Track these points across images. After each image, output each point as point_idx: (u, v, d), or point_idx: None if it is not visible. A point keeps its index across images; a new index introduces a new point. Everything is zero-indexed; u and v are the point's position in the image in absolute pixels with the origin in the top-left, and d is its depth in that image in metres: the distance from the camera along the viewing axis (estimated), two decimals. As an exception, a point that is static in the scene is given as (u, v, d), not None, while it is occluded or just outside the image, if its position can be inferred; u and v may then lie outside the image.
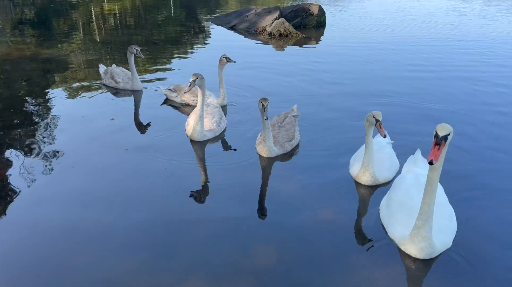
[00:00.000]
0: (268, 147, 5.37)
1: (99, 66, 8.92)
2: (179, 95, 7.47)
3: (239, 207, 4.45)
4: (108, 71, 8.49)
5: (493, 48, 12.54)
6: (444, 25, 17.52)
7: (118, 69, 8.54)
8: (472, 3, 26.62)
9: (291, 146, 5.66)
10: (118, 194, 4.70)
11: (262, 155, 5.47)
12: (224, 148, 5.89)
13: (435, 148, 3.26)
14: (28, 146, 5.85)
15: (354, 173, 4.92)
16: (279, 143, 5.54)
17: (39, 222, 4.19)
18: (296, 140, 5.79)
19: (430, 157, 3.23)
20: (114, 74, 8.37)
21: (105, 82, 8.51)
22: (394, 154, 5.17)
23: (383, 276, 3.53)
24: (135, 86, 8.17)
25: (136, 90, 8.18)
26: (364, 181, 4.79)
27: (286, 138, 5.63)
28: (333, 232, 4.05)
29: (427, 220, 3.52)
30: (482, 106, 7.57)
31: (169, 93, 7.66)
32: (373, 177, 4.74)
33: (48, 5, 23.47)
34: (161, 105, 7.53)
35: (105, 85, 8.45)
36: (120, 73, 8.42)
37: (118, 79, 8.28)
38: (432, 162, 3.20)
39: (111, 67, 8.65)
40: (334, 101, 7.75)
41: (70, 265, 3.59)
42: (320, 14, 16.41)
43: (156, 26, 17.51)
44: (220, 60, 7.19)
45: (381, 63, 10.79)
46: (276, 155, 5.46)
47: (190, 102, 7.36)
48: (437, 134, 3.28)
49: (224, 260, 3.66)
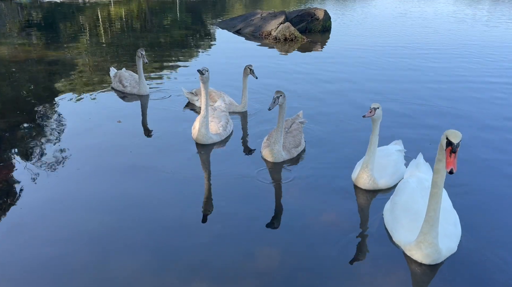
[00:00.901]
0: (276, 151, 5.33)
1: (110, 69, 8.92)
2: (200, 99, 7.38)
3: (243, 210, 4.45)
4: (117, 75, 8.48)
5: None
6: (447, 30, 17.48)
7: (127, 73, 8.51)
8: (479, 9, 26.57)
9: (297, 152, 5.61)
10: (122, 196, 4.70)
11: (269, 159, 5.41)
12: (229, 152, 5.89)
13: (452, 156, 3.19)
14: (33, 147, 5.88)
15: (354, 176, 4.90)
16: (286, 149, 5.49)
17: (43, 223, 4.20)
18: (302, 146, 5.74)
19: (450, 166, 3.16)
20: (122, 78, 8.35)
21: (113, 85, 8.51)
22: (402, 162, 5.09)
23: (388, 281, 3.50)
24: (142, 91, 8.12)
25: (142, 95, 8.13)
26: (362, 183, 4.75)
27: (293, 144, 5.58)
28: (337, 236, 4.03)
29: (433, 225, 3.50)
30: (488, 110, 7.55)
31: (190, 97, 7.63)
32: (371, 180, 4.70)
33: (55, 8, 23.70)
34: (184, 108, 7.52)
35: (114, 89, 8.47)
36: (129, 77, 8.39)
37: (125, 83, 8.26)
38: (452, 171, 3.13)
39: (121, 71, 8.62)
40: (340, 106, 7.74)
41: (73, 267, 3.60)
42: (326, 18, 16.44)
43: (162, 29, 17.61)
44: (244, 70, 7.11)
45: (387, 68, 10.79)
46: (283, 160, 5.45)
47: None
48: (452, 142, 3.20)
49: (227, 263, 3.65)
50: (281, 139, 5.33)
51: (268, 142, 5.52)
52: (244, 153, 5.85)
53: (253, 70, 7.05)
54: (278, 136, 5.28)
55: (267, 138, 5.68)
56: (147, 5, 26.39)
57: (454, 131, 3.25)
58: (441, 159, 3.41)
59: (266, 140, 5.65)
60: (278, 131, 5.27)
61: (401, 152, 5.22)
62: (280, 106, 5.20)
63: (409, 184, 4.24)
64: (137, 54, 7.88)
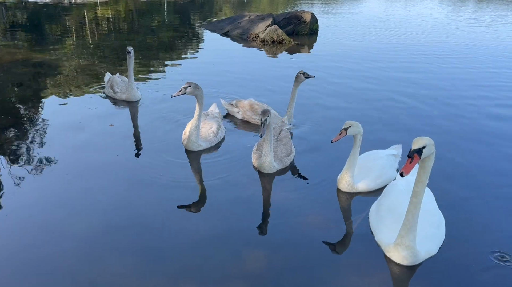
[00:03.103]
0: (268, 163, 5.21)
1: (106, 74, 8.56)
2: (241, 112, 7.07)
3: (230, 213, 4.48)
4: (110, 80, 8.15)
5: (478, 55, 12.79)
6: (430, 33, 17.79)
7: (119, 79, 8.16)
8: (463, 11, 27.04)
9: (289, 161, 5.50)
10: (108, 199, 4.70)
11: (262, 171, 5.28)
12: (218, 158, 5.84)
13: (408, 161, 3.32)
14: (18, 150, 5.83)
15: (338, 179, 5.00)
16: (278, 158, 5.36)
17: (27, 226, 4.18)
18: (293, 154, 5.66)
19: (402, 169, 3.30)
20: (114, 83, 8.02)
21: (106, 91, 8.20)
22: (391, 167, 5.11)
23: (370, 281, 3.58)
24: (131, 96, 7.76)
25: (132, 101, 7.79)
26: (342, 187, 4.89)
27: (285, 153, 5.47)
28: (323, 237, 4.09)
29: (410, 229, 3.58)
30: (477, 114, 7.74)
31: (230, 109, 7.29)
32: (350, 185, 4.82)
33: (40, 9, 23.41)
34: (225, 117, 7.14)
35: (107, 95, 8.14)
36: (120, 82, 8.03)
37: (116, 89, 7.94)
38: (402, 174, 3.27)
39: (114, 76, 8.28)
40: (328, 110, 7.83)
41: (59, 270, 3.59)
42: (313, 21, 16.58)
43: (149, 31, 17.54)
44: (297, 77, 6.57)
45: (374, 70, 10.92)
46: (276, 171, 5.32)
47: (251, 120, 6.93)
48: (411, 147, 3.34)
49: (214, 265, 3.69)
50: (272, 151, 5.23)
51: (258, 153, 5.40)
52: (233, 158, 5.80)
53: (308, 73, 6.54)
54: (268, 148, 5.17)
55: (256, 149, 5.55)
56: (134, 6, 26.24)
57: (420, 138, 3.37)
58: (420, 167, 3.54)
59: (256, 150, 5.52)
60: (267, 143, 5.15)
61: (394, 156, 5.28)
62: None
63: (397, 187, 4.34)
64: (127, 50, 7.48)
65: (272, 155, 5.25)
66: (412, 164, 3.31)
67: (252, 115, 6.90)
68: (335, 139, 4.60)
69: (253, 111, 6.88)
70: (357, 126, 4.65)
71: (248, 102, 7.02)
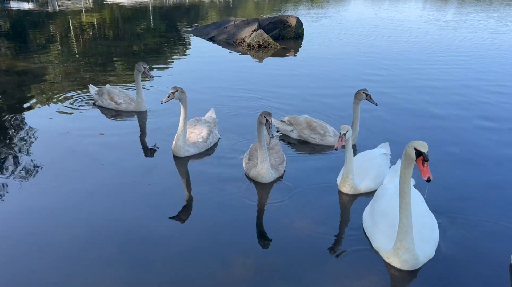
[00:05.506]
0: (266, 170, 5.07)
1: (89, 87, 8.24)
2: (297, 130, 6.43)
3: (217, 220, 4.47)
4: (104, 92, 7.85)
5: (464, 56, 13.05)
6: (416, 36, 18.08)
7: (116, 89, 7.91)
8: (446, 13, 27.49)
9: (283, 169, 5.41)
10: (94, 208, 4.65)
11: (259, 180, 5.13)
12: (206, 163, 5.82)
13: (425, 165, 3.30)
14: (3, 160, 5.76)
15: (338, 182, 5.09)
16: (273, 167, 5.25)
17: (12, 238, 4.12)
18: (285, 161, 5.55)
19: (426, 174, 3.26)
20: (114, 95, 7.74)
21: (101, 103, 7.85)
22: (386, 165, 5.20)
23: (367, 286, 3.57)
24: (140, 107, 7.64)
25: (141, 111, 7.66)
26: (345, 190, 4.97)
27: (279, 161, 5.38)
28: (314, 242, 4.09)
29: (407, 231, 3.58)
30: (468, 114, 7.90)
31: (282, 126, 6.59)
32: (353, 187, 4.91)
33: (24, 15, 23.15)
34: (277, 133, 6.42)
35: (101, 107, 7.84)
36: (120, 93, 7.79)
37: (119, 100, 7.68)
38: (429, 179, 3.25)
39: (106, 87, 8.03)
40: (317, 113, 7.90)
41: (44, 282, 3.55)
42: (298, 26, 16.72)
43: (135, 37, 17.48)
44: (358, 94, 6.05)
45: (361, 71, 11.06)
46: (273, 180, 5.21)
47: (309, 139, 6.33)
48: (422, 151, 3.33)
49: (202, 272, 3.68)
50: (267, 157, 5.10)
51: (252, 162, 5.27)
52: (223, 165, 5.73)
53: (371, 95, 6.01)
54: (264, 154, 5.05)
55: (249, 158, 5.41)
56: (120, 13, 26.12)
57: (420, 142, 3.41)
58: (407, 168, 3.57)
59: (249, 160, 5.37)
60: (261, 149, 5.05)
61: (386, 155, 5.37)
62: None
63: (388, 190, 4.33)
64: (137, 67, 7.36)
65: (268, 161, 5.14)
66: (428, 166, 3.31)
67: (310, 134, 6.34)
68: (339, 146, 4.63)
69: (311, 130, 6.33)
70: (350, 129, 4.74)
71: (304, 119, 6.45)
